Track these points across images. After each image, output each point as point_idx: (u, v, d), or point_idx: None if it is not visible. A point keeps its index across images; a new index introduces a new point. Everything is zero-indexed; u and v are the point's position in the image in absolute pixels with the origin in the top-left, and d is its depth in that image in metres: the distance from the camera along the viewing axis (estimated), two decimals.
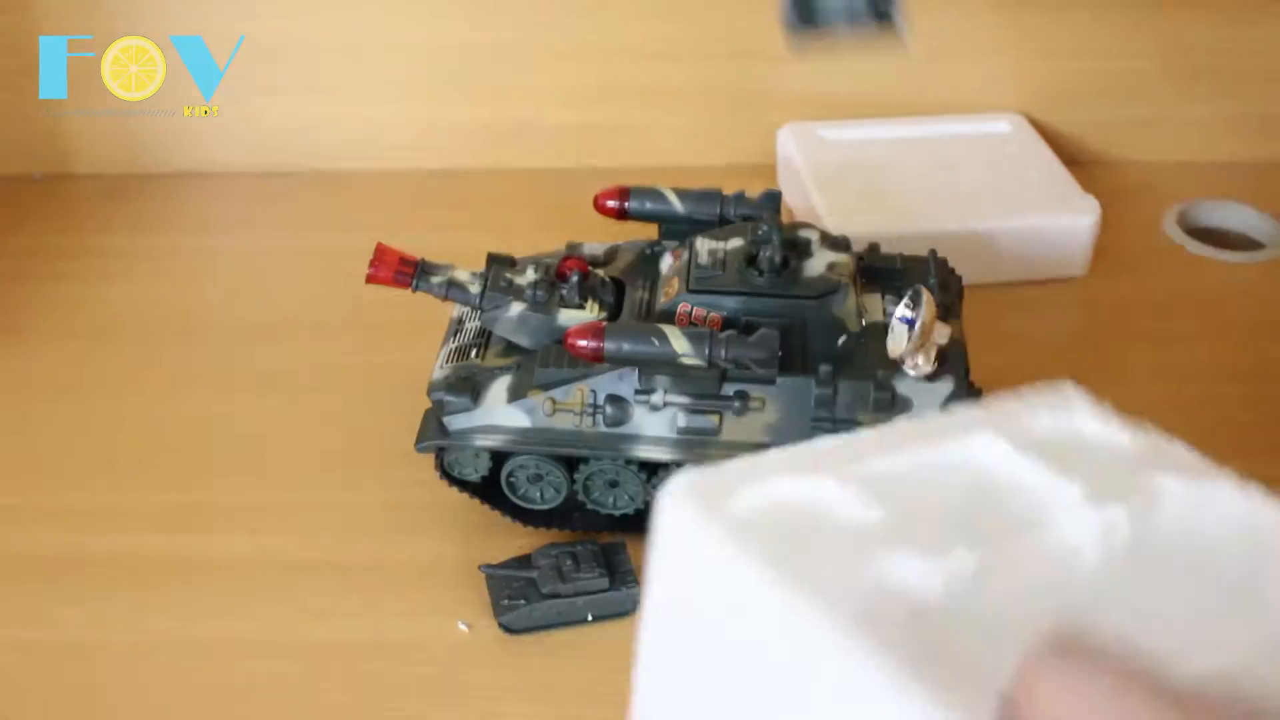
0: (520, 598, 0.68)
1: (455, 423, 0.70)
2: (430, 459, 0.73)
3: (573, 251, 0.78)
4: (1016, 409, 0.48)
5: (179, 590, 0.72)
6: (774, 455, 0.45)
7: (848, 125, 1.02)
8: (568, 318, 0.71)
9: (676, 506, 0.43)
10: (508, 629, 0.68)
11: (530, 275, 0.72)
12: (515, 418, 0.70)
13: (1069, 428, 0.48)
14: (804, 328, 0.69)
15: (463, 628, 0.69)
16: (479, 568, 0.70)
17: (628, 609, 0.69)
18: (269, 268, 0.98)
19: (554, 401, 0.69)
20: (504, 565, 0.70)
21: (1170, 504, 0.43)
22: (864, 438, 0.46)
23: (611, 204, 0.77)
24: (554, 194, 1.01)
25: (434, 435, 0.71)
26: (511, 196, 0.99)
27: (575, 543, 0.71)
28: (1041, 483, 0.44)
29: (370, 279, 0.72)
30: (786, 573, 0.40)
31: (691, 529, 0.42)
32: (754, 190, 0.77)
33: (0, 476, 0.80)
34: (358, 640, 0.69)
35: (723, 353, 0.66)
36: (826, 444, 0.46)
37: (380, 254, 0.72)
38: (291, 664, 0.68)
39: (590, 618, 0.68)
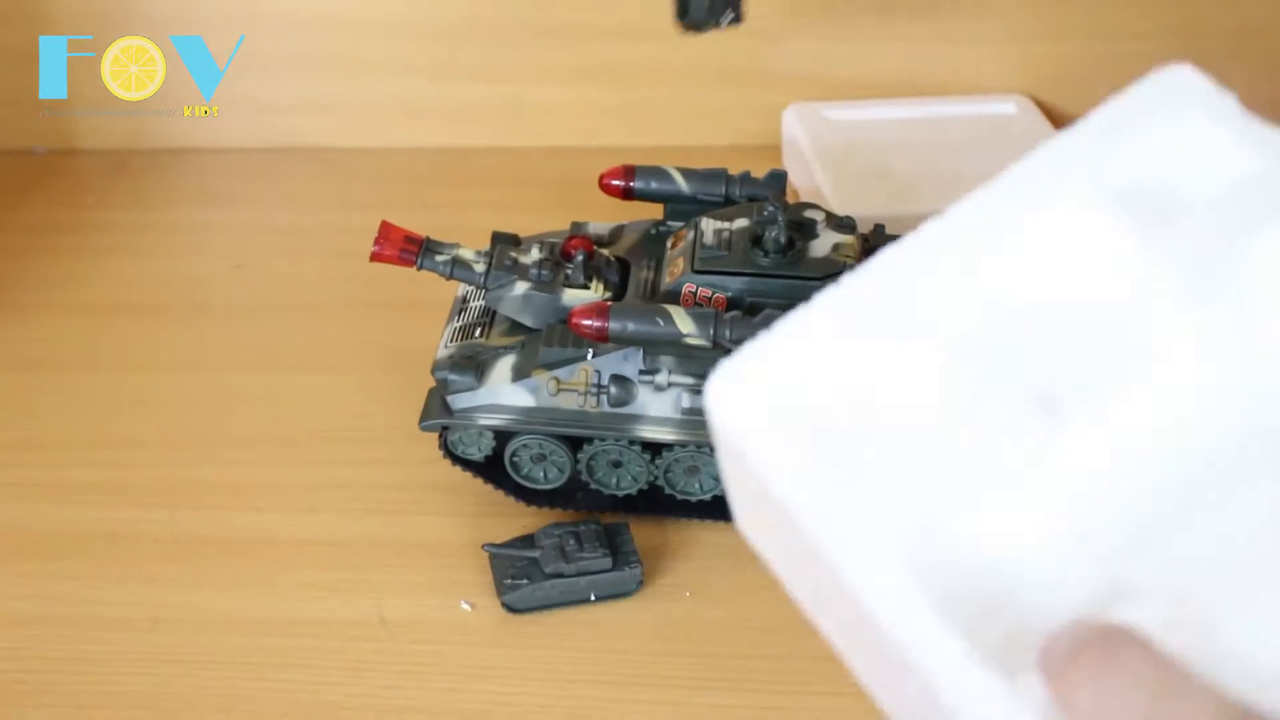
0: (523, 577, 0.68)
1: (459, 402, 0.70)
2: (434, 438, 0.72)
3: (577, 231, 0.78)
4: (1116, 124, 0.42)
5: (181, 567, 0.72)
6: (827, 302, 0.40)
7: (853, 106, 1.02)
8: (572, 297, 0.71)
9: (720, 405, 0.39)
10: (510, 608, 0.68)
11: (535, 254, 0.72)
12: (519, 397, 0.70)
13: (1177, 147, 0.42)
14: None
15: (465, 607, 0.69)
16: (482, 547, 0.70)
17: (630, 589, 0.69)
18: (271, 244, 0.97)
19: (558, 381, 0.69)
20: (507, 545, 0.70)
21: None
22: (933, 238, 0.41)
23: (616, 183, 0.77)
24: (556, 173, 1.00)
25: (438, 414, 0.71)
26: (514, 175, 0.98)
27: (579, 522, 0.70)
28: (1129, 284, 0.39)
29: (375, 257, 0.72)
30: (828, 501, 0.36)
31: (735, 433, 0.39)
32: (759, 170, 0.77)
33: (1, 452, 0.80)
34: (359, 619, 0.69)
35: (728, 333, 0.66)
36: (891, 262, 0.41)
37: (385, 232, 0.72)
38: (292, 641, 0.68)
39: (593, 597, 0.68)
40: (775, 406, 0.38)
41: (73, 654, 0.68)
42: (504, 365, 0.70)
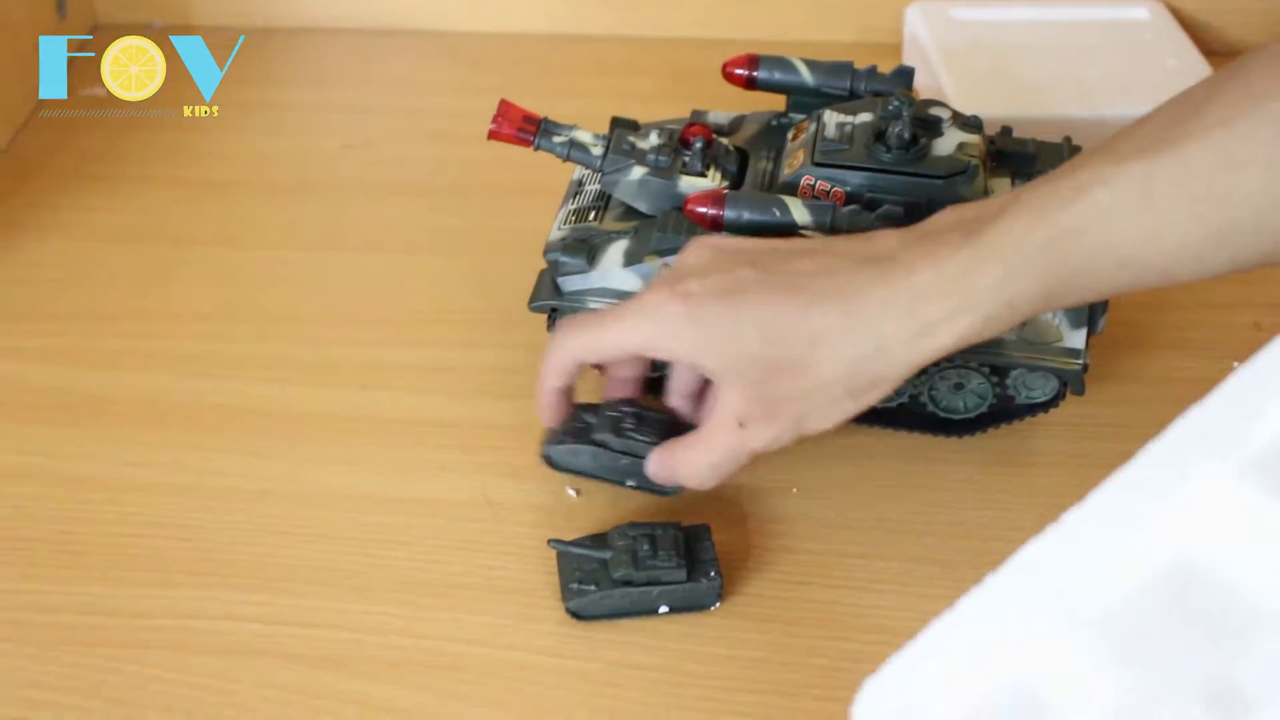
0: (591, 583, 0.63)
1: (570, 284, 0.70)
2: (542, 321, 0.72)
3: (697, 119, 0.76)
4: (1242, 396, 0.42)
5: (289, 442, 0.73)
6: (972, 608, 0.39)
7: (979, 6, 0.99)
8: (689, 184, 0.70)
9: None
10: (576, 615, 0.63)
11: (653, 140, 0.71)
12: (630, 282, 0.69)
13: None
14: (930, 208, 0.67)
15: (571, 494, 0.69)
16: (549, 543, 0.64)
17: (706, 602, 0.63)
18: (383, 125, 0.97)
19: (670, 268, 0.68)
20: (576, 543, 0.64)
21: None
22: (1078, 527, 0.40)
23: (740, 72, 0.75)
24: (676, 64, 0.99)
25: (548, 295, 0.70)
26: (632, 64, 0.97)
27: (657, 525, 0.64)
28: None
29: (492, 135, 0.71)
30: None
31: None
32: (883, 68, 0.75)
33: (114, 322, 0.81)
34: (465, 499, 0.69)
35: (844, 227, 0.65)
36: (1035, 554, 0.40)
37: (504, 110, 0.71)
38: (398, 518, 0.68)
39: (665, 609, 0.63)
40: None
41: (182, 521, 0.68)
42: (616, 250, 0.70)
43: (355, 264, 0.85)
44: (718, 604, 0.63)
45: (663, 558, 0.62)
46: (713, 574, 0.63)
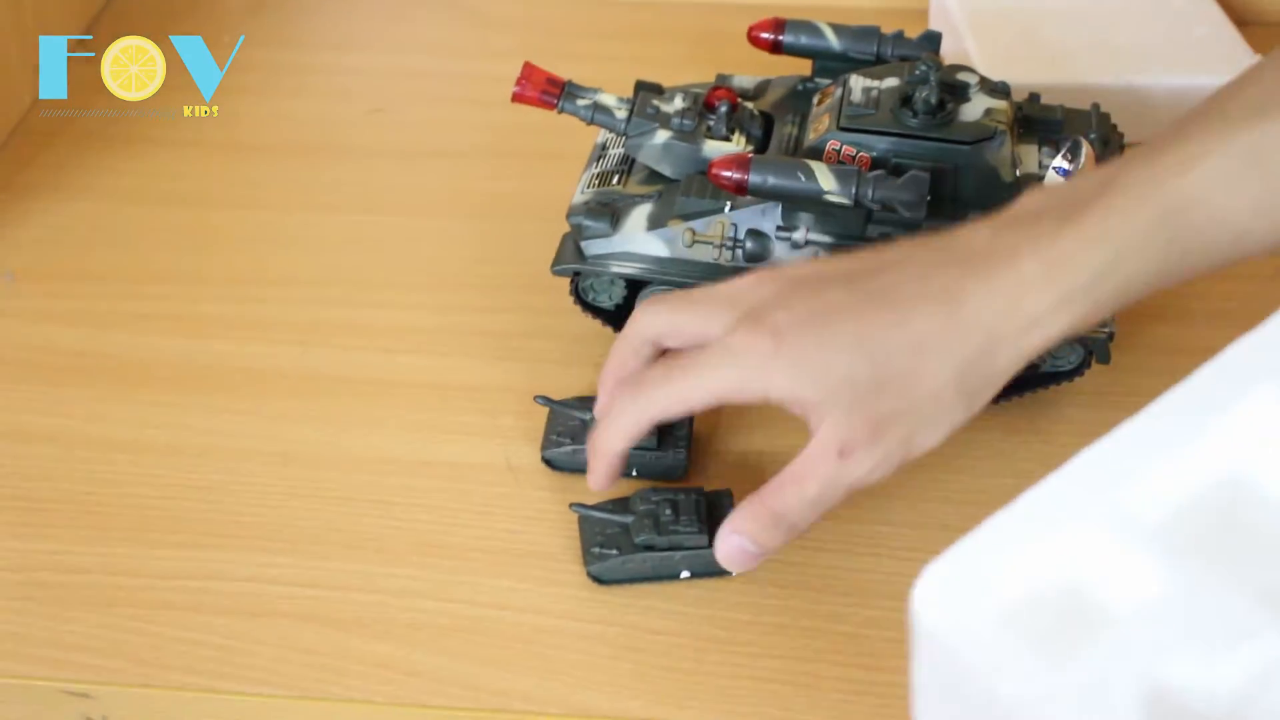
0: (612, 547, 0.63)
1: (593, 248, 0.70)
2: (566, 285, 0.72)
3: (722, 82, 0.76)
4: None
5: (311, 404, 0.73)
6: (1029, 505, 0.41)
7: None
8: (713, 148, 0.69)
9: (931, 610, 0.40)
10: (597, 579, 0.63)
11: (678, 104, 0.71)
12: (653, 246, 0.69)
13: None
14: (956, 173, 0.67)
15: None
16: (570, 506, 0.64)
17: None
18: (409, 89, 0.97)
19: (693, 232, 0.68)
20: (599, 507, 0.64)
21: None
22: (1132, 437, 0.41)
23: (766, 36, 0.75)
24: (701, 27, 0.98)
25: (570, 259, 0.70)
26: (657, 29, 0.97)
27: (679, 490, 0.64)
28: None
29: (516, 98, 0.71)
30: (1052, 692, 0.37)
31: (949, 637, 0.39)
32: (908, 34, 0.75)
33: (139, 284, 0.81)
34: (487, 463, 0.69)
35: (870, 192, 0.65)
36: (1090, 460, 0.41)
37: (527, 73, 0.71)
38: (420, 482, 0.68)
39: (686, 574, 0.63)
40: (993, 609, 0.39)
41: (205, 483, 0.69)
42: (639, 213, 0.69)
43: (378, 227, 0.84)
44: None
45: (685, 523, 0.62)
46: None
